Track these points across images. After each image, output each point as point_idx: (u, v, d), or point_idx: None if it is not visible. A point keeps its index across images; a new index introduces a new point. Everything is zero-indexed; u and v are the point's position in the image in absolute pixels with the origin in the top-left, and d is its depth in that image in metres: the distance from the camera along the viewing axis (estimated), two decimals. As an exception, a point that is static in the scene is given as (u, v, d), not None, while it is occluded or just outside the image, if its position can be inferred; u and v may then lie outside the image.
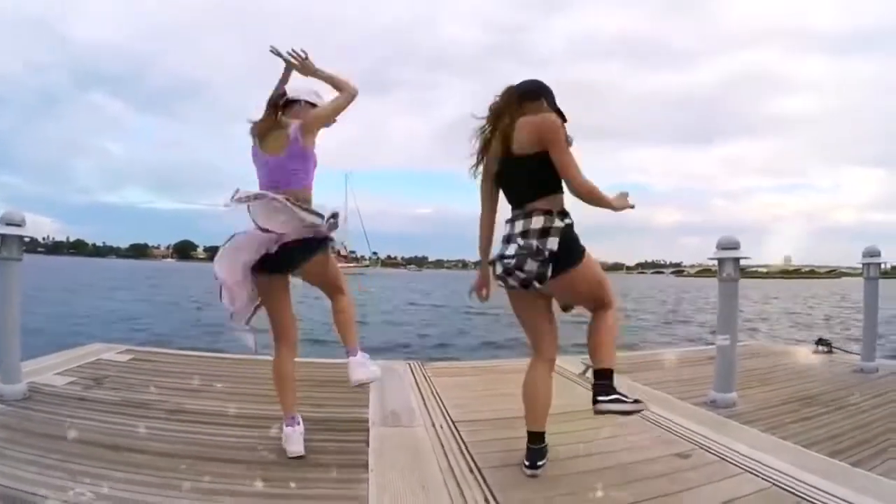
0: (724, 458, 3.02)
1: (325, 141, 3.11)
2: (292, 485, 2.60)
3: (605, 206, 2.77)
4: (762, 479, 2.76)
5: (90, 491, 2.38)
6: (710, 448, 3.17)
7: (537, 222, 2.70)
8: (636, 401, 2.80)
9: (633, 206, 2.85)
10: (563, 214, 2.76)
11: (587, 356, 4.83)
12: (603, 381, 2.78)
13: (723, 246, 4.18)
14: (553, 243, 2.63)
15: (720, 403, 4.05)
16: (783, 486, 2.67)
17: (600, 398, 2.75)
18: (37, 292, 24.52)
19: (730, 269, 4.17)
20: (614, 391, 2.78)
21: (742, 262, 4.22)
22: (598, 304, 2.90)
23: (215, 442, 3.02)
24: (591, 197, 2.71)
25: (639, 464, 2.96)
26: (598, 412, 2.77)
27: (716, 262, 4.24)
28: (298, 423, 3.01)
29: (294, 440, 2.95)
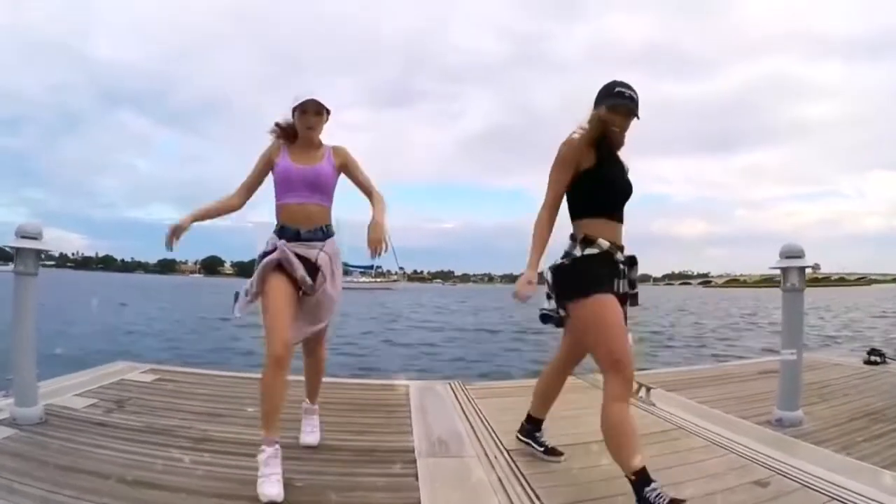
0: (805, 485, 2.77)
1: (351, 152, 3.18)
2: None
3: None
4: (852, 508, 2.50)
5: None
6: (787, 474, 2.91)
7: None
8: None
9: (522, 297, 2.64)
10: (586, 243, 2.69)
11: (638, 373, 4.56)
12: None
13: (787, 254, 3.92)
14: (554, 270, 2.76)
15: (786, 422, 3.80)
16: (875, 515, 2.45)
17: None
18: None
19: (794, 278, 3.90)
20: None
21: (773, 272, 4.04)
22: (598, 361, 2.65)
23: (244, 476, 2.71)
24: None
25: (717, 495, 2.68)
26: None
27: (778, 272, 3.98)
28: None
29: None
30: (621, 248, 2.76)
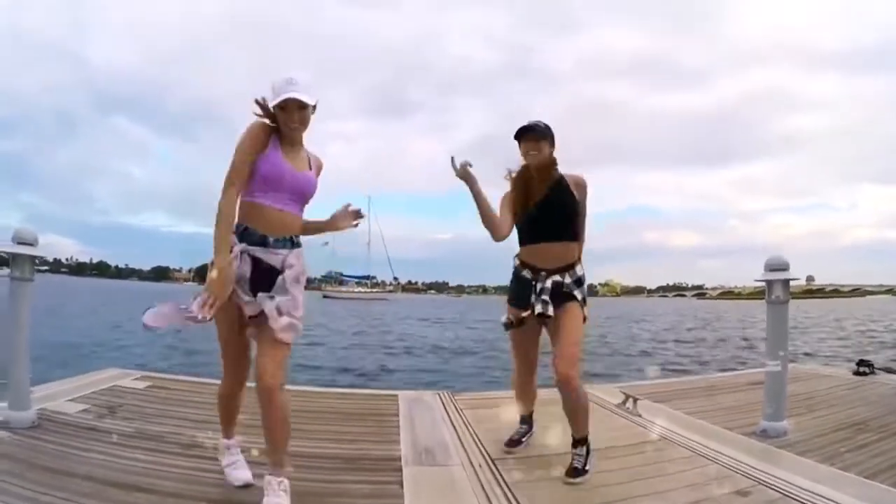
0: (787, 495, 2.80)
1: (346, 162, 2.81)
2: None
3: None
4: (831, 516, 2.52)
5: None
6: (770, 484, 2.94)
7: None
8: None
9: None
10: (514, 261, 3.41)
11: (625, 385, 4.62)
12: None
13: (772, 267, 3.96)
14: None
15: (771, 433, 3.83)
16: (854, 522, 2.46)
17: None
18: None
19: (779, 291, 3.94)
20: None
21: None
22: None
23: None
24: None
25: (698, 504, 2.70)
26: None
27: (763, 284, 4.02)
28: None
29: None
30: (538, 269, 3.23)
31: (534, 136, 3.21)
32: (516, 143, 3.28)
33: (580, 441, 3.14)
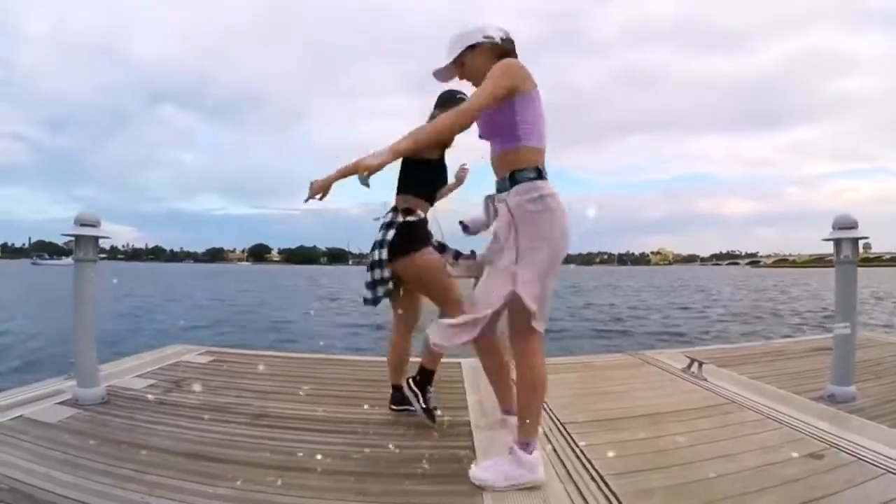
0: (860, 458, 2.70)
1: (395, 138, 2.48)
2: (396, 500, 2.35)
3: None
4: (908, 480, 2.45)
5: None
6: (842, 447, 2.85)
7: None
8: (426, 410, 3.22)
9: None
10: (408, 212, 3.13)
11: (689, 349, 4.53)
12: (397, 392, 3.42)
13: (839, 226, 3.82)
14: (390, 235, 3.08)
15: (839, 398, 3.72)
16: (931, 487, 2.39)
17: (392, 406, 3.46)
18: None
19: (848, 250, 3.80)
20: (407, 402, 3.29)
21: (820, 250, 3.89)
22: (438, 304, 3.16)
23: (303, 450, 2.78)
24: None
25: (771, 467, 2.64)
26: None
27: (831, 247, 3.89)
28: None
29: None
30: None
31: None
32: (439, 106, 3.27)
33: None
